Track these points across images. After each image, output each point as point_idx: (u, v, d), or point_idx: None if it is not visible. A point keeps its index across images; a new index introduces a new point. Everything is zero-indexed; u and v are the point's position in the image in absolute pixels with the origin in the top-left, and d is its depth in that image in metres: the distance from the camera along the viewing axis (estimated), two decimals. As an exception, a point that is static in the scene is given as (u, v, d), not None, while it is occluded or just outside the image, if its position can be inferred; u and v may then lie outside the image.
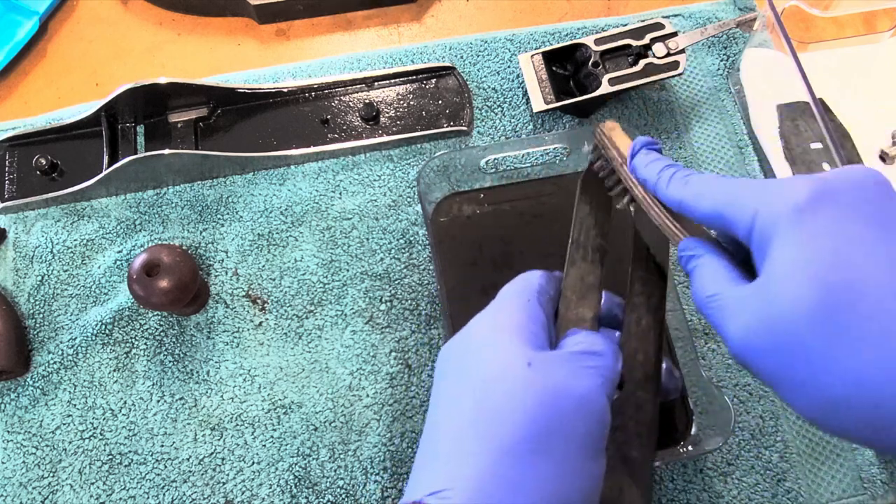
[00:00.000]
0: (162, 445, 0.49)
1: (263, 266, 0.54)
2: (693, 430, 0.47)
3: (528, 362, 0.30)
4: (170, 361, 0.51)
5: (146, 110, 0.57)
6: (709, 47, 0.61)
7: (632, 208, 0.40)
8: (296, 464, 0.48)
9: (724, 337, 0.29)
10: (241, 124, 0.58)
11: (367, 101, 0.57)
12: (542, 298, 0.35)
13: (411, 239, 0.54)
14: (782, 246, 0.27)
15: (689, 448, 0.46)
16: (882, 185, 0.27)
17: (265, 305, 0.53)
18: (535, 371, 0.30)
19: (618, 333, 0.39)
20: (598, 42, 0.55)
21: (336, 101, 0.58)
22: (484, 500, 0.27)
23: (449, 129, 0.57)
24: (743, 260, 0.31)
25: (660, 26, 0.55)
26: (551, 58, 0.58)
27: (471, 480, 0.28)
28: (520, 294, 0.35)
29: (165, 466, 0.49)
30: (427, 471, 0.29)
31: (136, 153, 0.56)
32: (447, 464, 0.29)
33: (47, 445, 0.49)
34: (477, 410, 0.30)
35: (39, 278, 0.54)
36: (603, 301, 0.39)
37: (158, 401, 0.50)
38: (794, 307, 0.26)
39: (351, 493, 0.48)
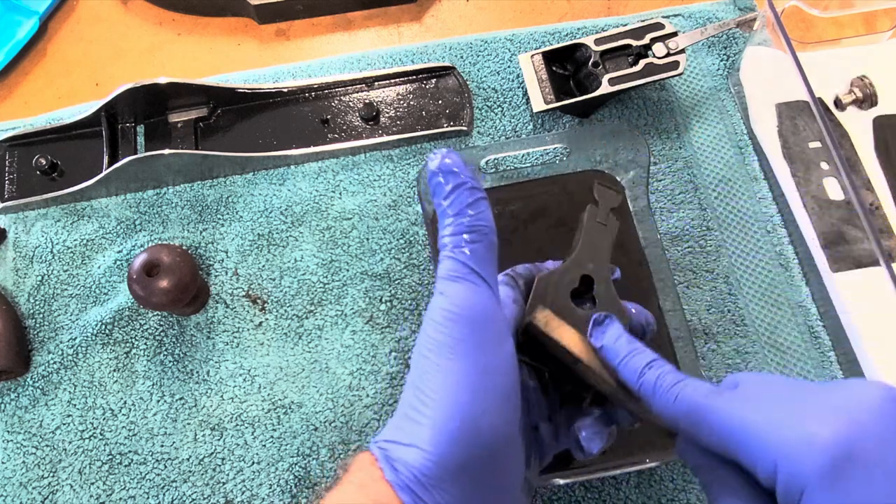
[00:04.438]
0: (162, 445, 0.49)
1: (263, 266, 0.54)
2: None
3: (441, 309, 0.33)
4: (170, 361, 0.51)
5: (146, 110, 0.57)
6: (709, 47, 0.61)
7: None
8: (296, 464, 0.48)
9: None
10: (241, 124, 0.58)
11: (367, 101, 0.57)
12: (514, 282, 0.38)
13: (411, 239, 0.54)
14: None
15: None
16: None
17: (265, 305, 0.53)
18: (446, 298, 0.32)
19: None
20: (598, 42, 0.55)
21: (336, 101, 0.58)
22: (394, 432, 0.31)
23: (449, 129, 0.57)
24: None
25: (660, 26, 0.55)
26: (551, 58, 0.58)
27: (395, 419, 0.31)
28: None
29: (165, 466, 0.49)
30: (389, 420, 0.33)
31: (136, 153, 0.56)
32: (398, 408, 0.32)
33: (47, 445, 0.49)
34: (426, 354, 0.32)
35: (39, 278, 0.54)
36: None
37: (158, 401, 0.50)
38: None
39: (351, 492, 0.48)
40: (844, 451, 0.25)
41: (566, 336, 0.35)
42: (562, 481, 0.43)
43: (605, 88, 0.54)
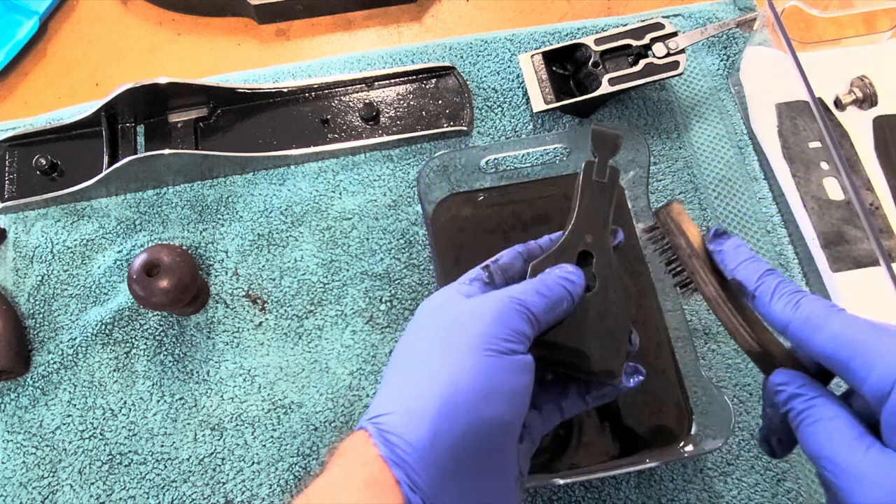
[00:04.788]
0: (162, 445, 0.49)
1: (263, 266, 0.54)
2: (693, 430, 0.47)
3: (447, 303, 0.35)
4: (170, 361, 0.51)
5: (146, 110, 0.57)
6: (709, 47, 0.61)
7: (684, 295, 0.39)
8: (296, 464, 0.48)
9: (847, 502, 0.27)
10: (241, 124, 0.58)
11: (367, 101, 0.57)
12: (488, 274, 0.39)
13: (411, 239, 0.54)
14: None
15: (689, 448, 0.46)
16: None
17: (265, 305, 0.53)
18: (447, 307, 0.35)
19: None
20: (598, 42, 0.55)
21: (336, 101, 0.58)
22: (386, 407, 0.31)
23: (449, 129, 0.57)
24: (847, 397, 0.30)
25: (660, 26, 0.55)
26: (551, 58, 0.58)
27: (382, 398, 0.32)
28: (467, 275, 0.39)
29: (165, 466, 0.49)
30: (373, 401, 0.33)
31: (136, 153, 0.56)
32: (381, 391, 0.33)
33: (47, 445, 0.49)
34: (406, 345, 0.34)
35: (39, 278, 0.54)
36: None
37: (158, 401, 0.50)
38: None
39: (351, 492, 0.48)
40: None
41: (690, 230, 0.36)
42: (562, 481, 0.43)
43: (605, 88, 0.54)
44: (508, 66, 0.60)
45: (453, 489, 0.29)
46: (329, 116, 0.57)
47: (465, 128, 0.57)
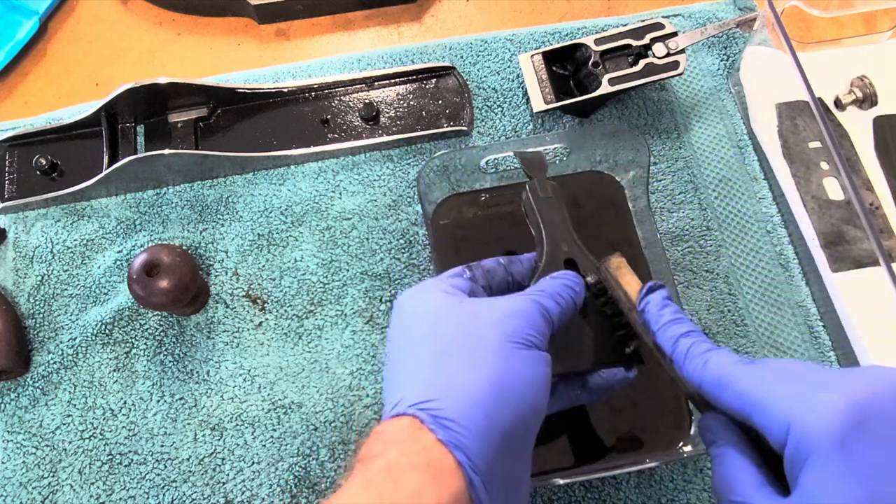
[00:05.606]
0: (162, 445, 0.49)
1: (263, 266, 0.54)
2: (693, 431, 0.47)
3: (460, 301, 0.37)
4: (170, 361, 0.51)
5: (146, 110, 0.57)
6: (709, 47, 0.61)
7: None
8: (296, 464, 0.48)
9: None
10: (241, 124, 0.58)
11: (367, 101, 0.57)
12: (471, 274, 0.40)
13: (411, 239, 0.54)
14: (820, 473, 0.26)
15: (689, 448, 0.46)
16: None
17: (265, 305, 0.53)
18: (463, 303, 0.36)
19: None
20: (598, 42, 0.55)
21: (336, 101, 0.58)
22: (432, 394, 0.32)
23: (449, 129, 0.57)
24: (764, 447, 0.31)
25: (660, 26, 0.55)
26: (551, 58, 0.58)
27: (421, 386, 0.33)
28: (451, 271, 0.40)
29: (165, 466, 0.49)
30: (397, 389, 0.34)
31: (136, 153, 0.56)
32: (409, 380, 0.34)
33: (47, 445, 0.49)
34: (425, 336, 0.35)
35: (39, 278, 0.54)
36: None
37: (158, 401, 0.50)
38: None
39: (351, 492, 0.48)
40: (856, 418, 0.26)
41: (630, 284, 0.37)
42: (562, 481, 0.43)
43: (605, 88, 0.54)
44: (508, 66, 0.60)
45: (500, 466, 0.32)
46: (329, 116, 0.57)
47: (465, 128, 0.57)
